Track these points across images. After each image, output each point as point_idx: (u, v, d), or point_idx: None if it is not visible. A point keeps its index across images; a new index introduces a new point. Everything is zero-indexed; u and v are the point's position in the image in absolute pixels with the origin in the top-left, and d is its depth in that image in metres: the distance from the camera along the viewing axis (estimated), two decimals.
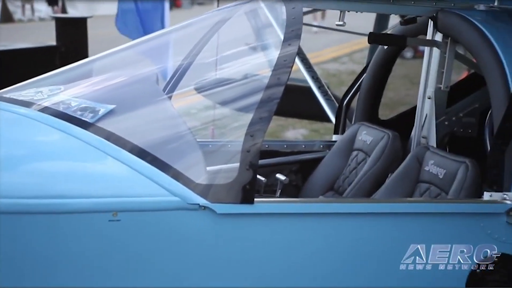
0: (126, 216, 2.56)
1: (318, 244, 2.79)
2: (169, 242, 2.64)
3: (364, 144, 3.83)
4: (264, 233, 2.73)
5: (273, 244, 2.74)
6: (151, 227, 2.61)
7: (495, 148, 2.92)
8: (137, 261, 2.61)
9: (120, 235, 2.57)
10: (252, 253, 2.72)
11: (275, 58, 2.84)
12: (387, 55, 3.96)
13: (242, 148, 2.65)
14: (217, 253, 2.68)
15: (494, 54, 3.04)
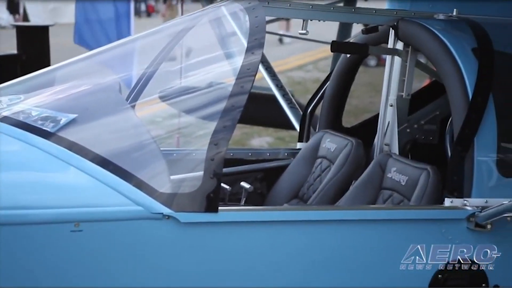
0: (89, 226, 2.53)
1: (283, 251, 2.79)
2: (133, 252, 2.62)
3: (328, 151, 3.86)
4: (229, 241, 2.73)
5: (238, 253, 2.74)
6: (114, 237, 2.58)
7: (455, 155, 2.97)
8: (100, 272, 2.58)
9: (82, 245, 2.54)
10: (217, 262, 2.72)
11: (239, 66, 2.86)
12: (350, 63, 3.99)
13: (206, 156, 2.65)
14: (181, 262, 2.67)
15: (453, 62, 3.09)
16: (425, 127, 3.71)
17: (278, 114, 4.76)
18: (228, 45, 4.09)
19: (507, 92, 3.21)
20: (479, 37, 3.17)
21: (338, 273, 2.84)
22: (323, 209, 3.17)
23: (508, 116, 3.08)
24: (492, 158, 2.97)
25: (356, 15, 3.56)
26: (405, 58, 3.53)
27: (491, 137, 2.97)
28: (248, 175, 3.96)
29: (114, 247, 2.60)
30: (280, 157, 4.16)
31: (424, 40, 3.28)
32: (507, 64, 3.25)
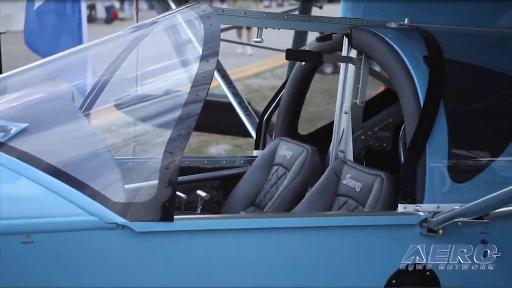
0: (40, 237, 2.49)
1: (240, 259, 2.79)
2: (87, 263, 2.59)
3: (284, 159, 3.87)
4: (185, 250, 2.72)
5: (194, 262, 2.73)
6: (67, 248, 2.55)
7: (407, 161, 3.01)
8: (53, 284, 2.54)
9: (34, 257, 2.49)
10: (173, 271, 2.70)
11: (194, 74, 2.85)
12: (305, 71, 4.02)
13: (161, 165, 2.64)
14: (137, 273, 2.64)
15: (405, 70, 3.14)
16: (379, 134, 3.76)
17: (235, 121, 4.77)
18: (184, 52, 4.08)
19: (457, 99, 3.28)
20: (430, 45, 3.23)
21: (295, 280, 2.85)
22: (279, 216, 3.18)
23: (458, 123, 3.14)
24: (444, 164, 3.02)
25: (310, 23, 3.60)
26: (358, 66, 3.57)
27: (443, 144, 3.02)
28: (205, 183, 3.95)
29: (67, 258, 2.56)
30: (237, 165, 4.16)
31: (377, 48, 3.32)
32: (457, 72, 3.32)
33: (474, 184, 3.07)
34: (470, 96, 3.40)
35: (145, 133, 3.53)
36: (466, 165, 3.14)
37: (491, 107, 3.40)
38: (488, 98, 3.42)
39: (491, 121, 3.32)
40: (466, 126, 3.24)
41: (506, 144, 3.16)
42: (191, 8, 3.21)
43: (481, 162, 3.15)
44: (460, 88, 3.36)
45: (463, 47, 3.51)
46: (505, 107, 3.41)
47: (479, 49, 3.59)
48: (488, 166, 3.12)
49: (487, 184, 3.04)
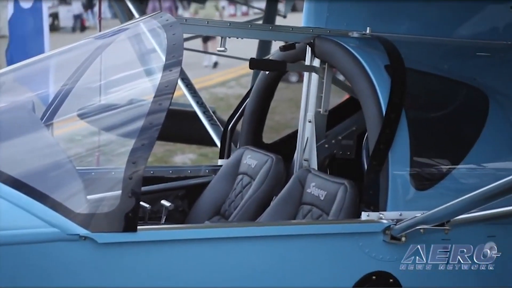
0: (1, 250, 2.44)
1: (205, 269, 2.78)
2: (49, 275, 2.55)
3: (249, 168, 3.88)
4: (149, 261, 2.70)
5: (158, 272, 2.71)
6: (28, 261, 2.51)
7: (370, 170, 3.04)
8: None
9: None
10: (137, 282, 2.67)
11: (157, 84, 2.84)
12: (269, 80, 4.04)
13: (124, 175, 2.62)
14: (100, 284, 2.61)
15: (367, 79, 3.18)
16: (343, 142, 3.79)
17: (201, 131, 4.76)
18: (147, 62, 4.06)
19: (418, 108, 3.33)
20: (391, 54, 3.27)
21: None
22: (243, 225, 3.18)
23: (420, 131, 3.18)
24: (406, 172, 3.06)
25: (273, 33, 3.62)
26: (322, 75, 3.60)
27: (405, 152, 3.06)
28: (169, 193, 3.92)
29: (29, 271, 2.52)
30: (202, 174, 4.15)
31: (339, 57, 3.36)
32: (418, 81, 3.37)
33: (436, 192, 3.11)
34: (431, 104, 3.46)
35: (109, 142, 3.50)
36: (428, 173, 3.18)
37: (451, 115, 3.46)
38: (448, 106, 3.48)
39: (451, 129, 3.38)
40: (427, 134, 3.28)
41: (466, 151, 3.21)
42: (154, 18, 3.20)
43: (442, 170, 3.19)
44: (421, 97, 3.41)
45: (423, 57, 3.57)
46: (465, 115, 3.47)
47: (439, 59, 3.66)
48: (449, 173, 3.17)
49: (448, 191, 3.09)
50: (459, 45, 3.78)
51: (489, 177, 3.07)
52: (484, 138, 3.25)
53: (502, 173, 2.72)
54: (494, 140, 3.30)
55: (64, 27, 24.79)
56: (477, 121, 3.32)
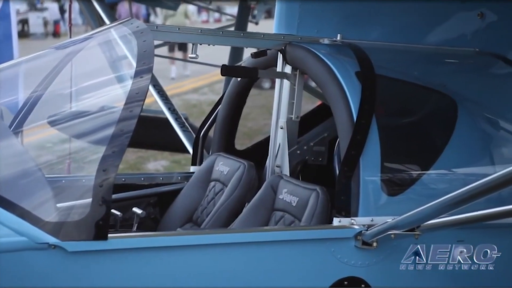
0: None
1: (177, 277, 2.77)
2: (17, 284, 2.51)
3: (221, 174, 3.87)
4: (120, 269, 2.68)
5: (130, 281, 2.69)
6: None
7: (342, 175, 3.05)
8: None
9: None
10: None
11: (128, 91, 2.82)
12: (241, 87, 4.04)
13: (94, 183, 2.59)
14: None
15: (338, 86, 3.19)
16: (315, 149, 3.80)
17: (173, 137, 4.74)
18: (119, 68, 4.04)
19: (389, 114, 3.36)
20: (362, 61, 3.29)
21: None
22: (215, 232, 3.17)
23: (390, 137, 3.21)
24: (377, 178, 3.08)
25: (245, 40, 3.62)
26: (293, 81, 3.61)
27: (376, 157, 3.08)
28: (141, 200, 3.90)
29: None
30: (174, 181, 4.13)
31: (311, 64, 3.37)
32: (388, 87, 3.40)
33: (407, 197, 3.13)
34: (401, 110, 3.49)
35: (80, 150, 3.47)
36: (399, 178, 3.20)
37: (420, 121, 3.49)
38: (418, 112, 3.52)
39: (421, 135, 3.41)
40: (397, 140, 3.31)
41: (436, 157, 3.24)
42: (125, 24, 3.18)
43: (413, 175, 3.22)
44: (391, 103, 3.44)
45: (393, 63, 3.60)
46: (434, 121, 3.51)
47: (409, 65, 3.70)
48: (419, 179, 3.19)
49: (419, 196, 3.12)
50: (428, 52, 3.82)
51: (459, 182, 3.11)
52: (453, 144, 3.29)
53: (471, 178, 2.75)
54: (463, 145, 3.34)
55: (34, 33, 24.53)
56: (446, 127, 3.36)
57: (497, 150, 3.39)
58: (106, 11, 5.18)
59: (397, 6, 3.78)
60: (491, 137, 3.46)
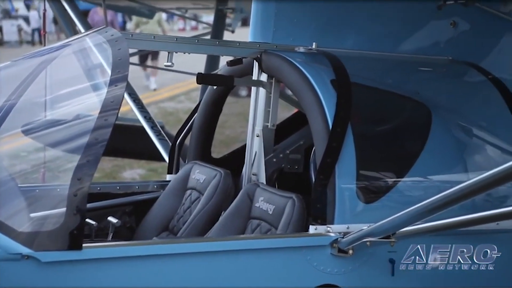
0: None
1: (153, 287, 2.74)
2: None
3: (197, 182, 3.86)
4: (95, 279, 2.65)
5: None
6: None
7: (318, 183, 3.06)
8: None
9: None
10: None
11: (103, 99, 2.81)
12: (217, 95, 4.04)
13: (69, 192, 2.57)
14: None
15: (313, 93, 3.21)
16: (291, 156, 3.81)
17: (149, 146, 4.72)
18: (94, 76, 4.02)
19: (364, 121, 3.38)
20: (337, 69, 3.31)
21: None
22: (191, 241, 3.16)
23: (365, 145, 3.22)
24: (353, 185, 3.09)
25: (220, 48, 3.62)
26: (269, 90, 3.62)
27: (351, 165, 3.09)
28: (116, 209, 3.88)
29: None
30: (150, 190, 4.11)
31: (286, 72, 3.38)
32: (363, 95, 3.43)
33: (382, 204, 3.15)
34: (376, 118, 3.51)
35: (55, 159, 3.44)
36: (374, 186, 3.22)
37: (395, 129, 3.52)
38: (393, 120, 3.54)
39: (396, 142, 3.44)
40: (373, 147, 3.33)
41: (411, 164, 3.27)
42: (99, 33, 3.17)
43: (388, 183, 3.23)
44: (366, 111, 3.47)
45: (368, 71, 3.63)
46: (408, 129, 3.54)
47: (383, 73, 3.73)
48: (394, 186, 3.21)
49: (394, 203, 3.13)
50: (402, 60, 3.86)
51: (433, 189, 3.14)
52: (427, 151, 3.32)
53: (445, 185, 2.77)
54: (437, 153, 3.37)
55: (8, 41, 24.30)
56: (421, 134, 3.39)
57: (471, 157, 3.43)
58: (81, 19, 5.16)
59: (371, 15, 3.81)
60: (465, 144, 3.50)
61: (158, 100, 13.61)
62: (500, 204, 3.29)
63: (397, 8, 3.83)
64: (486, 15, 3.86)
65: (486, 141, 3.58)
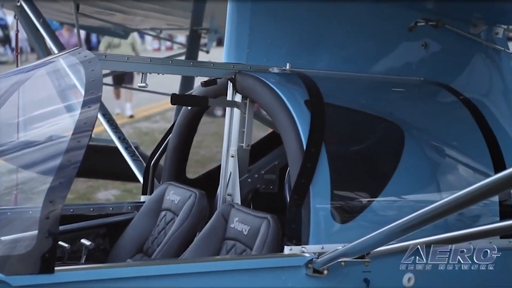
0: None
1: None
2: None
3: (172, 203, 3.84)
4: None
5: None
6: None
7: (292, 203, 3.06)
8: None
9: None
10: None
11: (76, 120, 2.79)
12: (192, 115, 4.03)
13: (41, 215, 2.54)
14: None
15: (287, 114, 3.22)
16: (266, 177, 3.81)
17: (124, 166, 4.69)
18: (68, 97, 3.99)
19: (338, 142, 3.40)
20: (311, 89, 3.33)
21: None
22: (166, 263, 3.13)
23: (339, 165, 3.24)
24: (327, 205, 3.10)
25: (194, 68, 3.63)
26: (243, 110, 3.62)
27: (325, 185, 3.10)
28: (90, 231, 3.83)
29: None
30: (124, 211, 4.08)
31: (260, 93, 3.40)
32: (337, 116, 3.45)
33: (357, 224, 3.16)
34: (350, 138, 3.53)
35: (28, 180, 3.40)
36: (349, 206, 3.23)
37: (369, 149, 3.55)
38: (366, 140, 3.57)
39: (370, 162, 3.46)
40: (347, 167, 3.35)
41: (385, 184, 3.29)
42: (72, 54, 3.15)
43: (362, 202, 3.25)
44: (340, 131, 3.49)
45: (341, 91, 3.66)
46: (382, 149, 3.57)
47: (357, 94, 3.76)
48: (368, 206, 3.23)
49: (369, 223, 3.15)
50: (375, 81, 3.90)
51: (407, 208, 3.16)
52: (400, 170, 3.35)
53: (419, 205, 2.79)
54: (410, 172, 3.40)
55: None
56: (394, 154, 3.42)
57: (443, 177, 3.46)
58: (54, 39, 5.13)
59: (344, 36, 3.85)
60: (437, 164, 3.54)
61: (133, 121, 13.56)
62: (472, 223, 3.33)
63: (370, 29, 3.88)
64: (457, 37, 3.93)
65: (458, 161, 3.62)
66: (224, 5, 3.67)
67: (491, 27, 4.05)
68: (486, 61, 4.10)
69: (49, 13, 6.50)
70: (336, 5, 3.75)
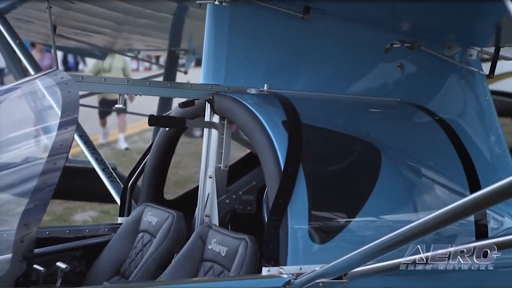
0: None
1: None
2: None
3: (149, 225, 3.81)
4: None
5: None
6: None
7: (270, 224, 3.06)
8: None
9: None
10: None
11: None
12: (169, 136, 4.02)
13: (15, 238, 2.52)
14: None
15: (265, 135, 3.23)
16: (244, 197, 3.81)
17: (102, 188, 4.66)
18: (44, 119, 3.97)
19: (315, 162, 3.41)
20: (288, 110, 3.35)
21: None
22: (143, 285, 3.11)
23: (317, 185, 3.25)
24: (305, 226, 3.10)
25: (172, 89, 3.63)
26: (221, 131, 3.63)
27: (303, 206, 3.11)
28: (66, 254, 3.79)
29: None
30: (101, 233, 4.04)
31: (238, 114, 3.40)
32: (314, 136, 3.47)
33: (335, 244, 3.16)
34: (327, 159, 3.55)
35: (3, 203, 3.36)
36: (326, 226, 3.23)
37: (346, 169, 3.56)
38: (343, 160, 3.59)
39: (347, 182, 3.48)
40: (324, 188, 3.36)
41: (362, 204, 3.30)
42: (49, 75, 3.14)
43: (340, 223, 3.26)
44: (317, 152, 3.50)
45: (318, 112, 3.68)
46: (359, 169, 3.58)
47: (334, 114, 3.79)
48: (346, 226, 3.24)
49: (347, 243, 3.15)
50: (352, 102, 3.93)
51: (385, 228, 3.16)
52: (377, 191, 3.36)
53: (396, 225, 2.81)
54: (387, 192, 3.42)
55: None
56: (371, 174, 3.44)
57: (420, 197, 3.49)
58: (31, 61, 5.11)
59: (321, 57, 3.89)
60: (414, 184, 3.56)
61: (112, 141, 13.48)
62: (449, 243, 3.34)
63: (346, 50, 3.92)
64: (432, 58, 3.98)
65: (434, 181, 3.65)
66: (202, 26, 3.69)
67: (465, 49, 4.12)
68: (461, 82, 4.16)
69: (25, 34, 6.47)
70: (313, 27, 3.78)
